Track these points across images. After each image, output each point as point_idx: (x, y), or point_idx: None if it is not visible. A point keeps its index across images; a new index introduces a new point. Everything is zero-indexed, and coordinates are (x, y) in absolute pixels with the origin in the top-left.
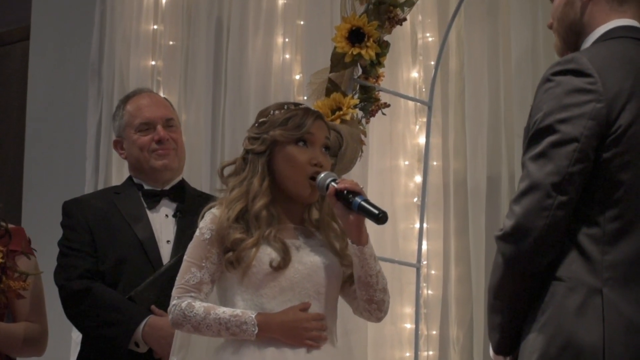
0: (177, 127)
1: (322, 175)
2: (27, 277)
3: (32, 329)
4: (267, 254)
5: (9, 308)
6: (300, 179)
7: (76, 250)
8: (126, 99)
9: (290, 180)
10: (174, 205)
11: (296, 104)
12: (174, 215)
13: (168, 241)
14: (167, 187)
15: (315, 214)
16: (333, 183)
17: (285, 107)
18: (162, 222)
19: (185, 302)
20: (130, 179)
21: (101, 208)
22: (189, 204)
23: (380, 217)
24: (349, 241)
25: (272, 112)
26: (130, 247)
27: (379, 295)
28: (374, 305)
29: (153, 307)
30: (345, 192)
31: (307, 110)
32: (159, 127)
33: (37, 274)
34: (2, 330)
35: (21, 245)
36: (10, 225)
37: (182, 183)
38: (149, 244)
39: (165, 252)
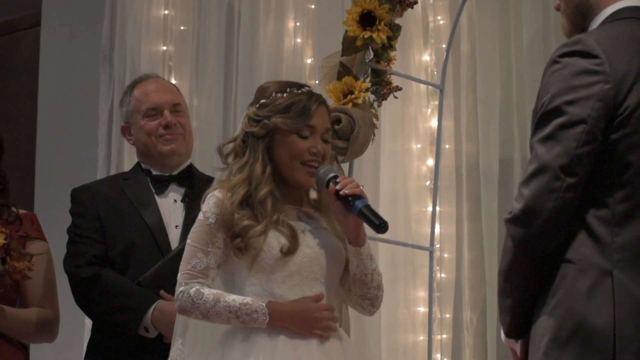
0: (184, 112)
1: (323, 170)
2: (31, 258)
3: (44, 315)
4: (276, 239)
5: (21, 294)
6: (297, 165)
7: (85, 237)
8: (133, 85)
9: (287, 167)
10: (182, 190)
11: (299, 86)
12: (182, 200)
13: (177, 226)
14: (175, 172)
15: (313, 194)
16: (333, 182)
17: (288, 90)
18: (171, 207)
19: (194, 289)
20: (138, 164)
21: (109, 194)
22: (197, 188)
23: (381, 227)
24: (347, 240)
25: (274, 94)
26: (139, 233)
27: (372, 292)
28: (367, 301)
29: (162, 292)
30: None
31: (311, 96)
32: (166, 112)
33: (41, 254)
34: (14, 316)
35: (32, 230)
36: (23, 211)
37: (190, 168)
38: (158, 229)
39: (174, 237)
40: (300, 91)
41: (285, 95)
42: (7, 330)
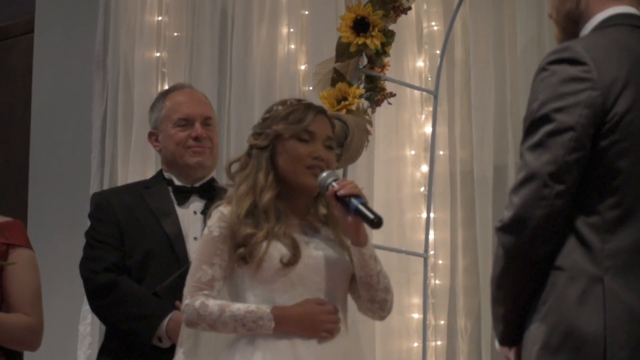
0: (214, 127)
1: (324, 174)
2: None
3: (28, 322)
4: (277, 249)
5: (4, 301)
6: (301, 169)
7: (103, 243)
8: (167, 93)
9: (291, 173)
10: (203, 202)
11: (299, 100)
12: (202, 212)
13: (195, 238)
14: (197, 184)
15: (322, 210)
16: (334, 183)
17: (288, 102)
18: (190, 218)
19: (199, 301)
20: (160, 173)
21: (130, 202)
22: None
23: (375, 222)
24: (349, 242)
25: (274, 107)
26: (158, 242)
27: (380, 295)
28: (376, 304)
29: (178, 302)
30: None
31: (309, 106)
32: (197, 125)
33: (9, 264)
34: None
35: (16, 238)
36: (6, 219)
37: (213, 181)
38: (177, 240)
39: (192, 248)
40: (298, 102)
41: (285, 106)
42: None
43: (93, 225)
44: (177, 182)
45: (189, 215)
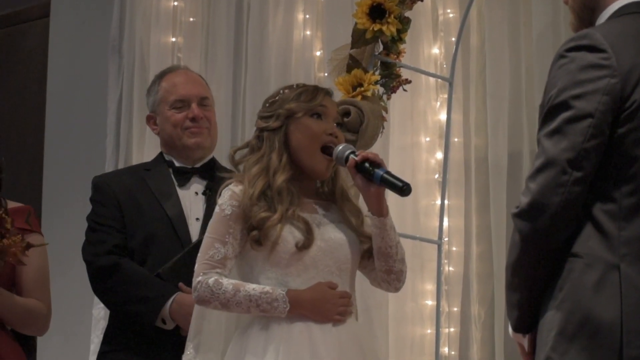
0: (211, 106)
1: (341, 147)
2: (27, 245)
3: (37, 306)
4: (291, 233)
5: (15, 285)
6: (317, 153)
7: (105, 226)
8: (162, 75)
9: (306, 154)
10: (204, 182)
11: (304, 84)
12: (204, 193)
13: (197, 219)
14: (198, 165)
15: (327, 188)
16: (352, 155)
17: (294, 85)
18: (192, 199)
19: (213, 279)
20: (161, 155)
21: (131, 184)
22: (219, 182)
23: (404, 189)
24: (369, 213)
25: (281, 91)
26: (159, 224)
27: (397, 266)
28: (393, 275)
29: (181, 284)
30: (366, 164)
31: (317, 87)
32: (194, 105)
33: (41, 245)
34: (9, 298)
35: (25, 224)
36: (17, 204)
37: (213, 161)
38: (178, 221)
39: (194, 229)
40: (304, 85)
41: (292, 89)
42: (9, 315)
43: (94, 208)
44: (177, 164)
45: (190, 196)
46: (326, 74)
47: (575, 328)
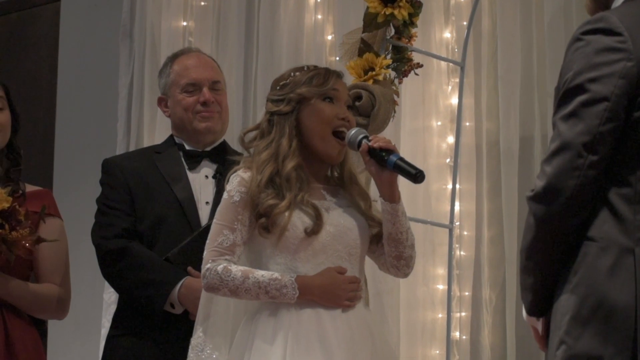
0: (222, 90)
1: (353, 131)
2: (38, 238)
3: (56, 291)
4: (300, 219)
5: (34, 270)
6: (329, 137)
7: (114, 209)
8: (174, 57)
9: (318, 137)
10: (215, 166)
11: (315, 66)
12: (214, 177)
13: (207, 202)
14: (208, 148)
15: (337, 172)
16: (366, 140)
17: (305, 67)
18: (202, 183)
19: (222, 266)
20: (171, 137)
21: (141, 167)
22: (230, 165)
23: (418, 176)
24: (381, 198)
25: (292, 74)
26: (169, 207)
27: (407, 252)
28: (402, 261)
29: (190, 268)
30: (379, 149)
31: (328, 69)
32: (205, 89)
33: (53, 240)
34: (27, 289)
35: (40, 207)
36: (36, 188)
37: (224, 145)
38: (188, 205)
39: (204, 213)
40: (315, 67)
41: (303, 72)
42: (19, 302)
43: (104, 191)
44: (188, 147)
45: (200, 179)
46: (337, 58)
47: (590, 312)
